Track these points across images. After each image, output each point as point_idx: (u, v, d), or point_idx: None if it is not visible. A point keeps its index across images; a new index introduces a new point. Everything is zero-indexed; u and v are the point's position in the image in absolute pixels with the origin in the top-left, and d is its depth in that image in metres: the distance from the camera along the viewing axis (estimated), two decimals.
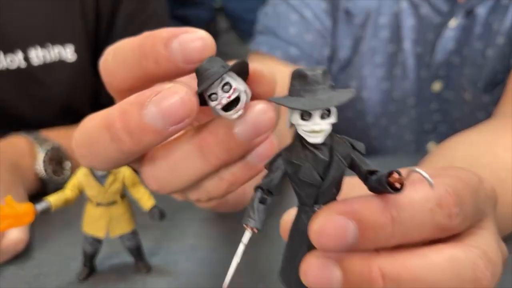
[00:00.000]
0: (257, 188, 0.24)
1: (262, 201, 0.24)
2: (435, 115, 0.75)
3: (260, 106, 0.25)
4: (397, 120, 0.77)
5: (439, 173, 0.28)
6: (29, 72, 0.66)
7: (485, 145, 0.46)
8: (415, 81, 0.73)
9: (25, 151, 0.56)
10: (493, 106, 0.67)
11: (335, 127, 0.24)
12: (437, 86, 0.72)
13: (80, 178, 0.39)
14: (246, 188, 0.33)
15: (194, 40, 0.25)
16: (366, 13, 0.72)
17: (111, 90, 0.29)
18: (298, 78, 0.23)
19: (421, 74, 0.73)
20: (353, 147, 0.24)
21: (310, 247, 0.24)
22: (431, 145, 0.77)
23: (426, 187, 0.24)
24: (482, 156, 0.44)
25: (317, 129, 0.22)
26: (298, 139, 0.23)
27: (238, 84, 0.25)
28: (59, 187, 0.39)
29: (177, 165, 0.27)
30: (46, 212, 0.37)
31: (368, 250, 0.23)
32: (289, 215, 0.26)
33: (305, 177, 0.23)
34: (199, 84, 0.25)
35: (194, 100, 0.24)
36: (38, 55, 0.66)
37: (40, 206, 0.37)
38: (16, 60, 0.64)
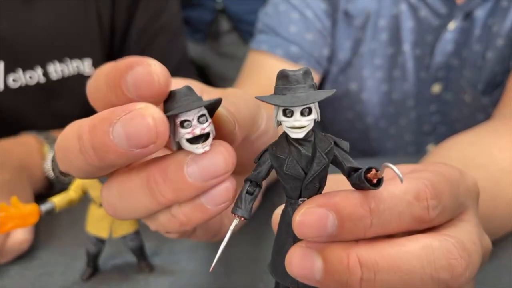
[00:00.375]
0: (246, 180, 0.26)
1: (249, 192, 0.26)
2: (434, 116, 0.75)
3: (216, 148, 0.25)
4: (397, 121, 0.77)
5: (419, 168, 0.29)
6: (48, 87, 0.66)
7: (482, 146, 0.46)
8: (414, 83, 0.73)
9: (34, 150, 0.57)
10: (493, 107, 0.67)
11: (335, 127, 0.25)
12: (436, 88, 0.73)
13: (84, 179, 0.39)
14: (224, 219, 0.33)
15: (147, 74, 0.23)
16: (365, 15, 0.72)
17: None
18: (282, 77, 0.24)
19: (421, 76, 0.73)
20: (337, 145, 0.25)
21: (296, 239, 0.25)
22: (430, 147, 0.77)
23: (405, 181, 0.25)
24: (478, 156, 0.44)
25: (297, 125, 0.24)
26: (284, 135, 0.25)
27: (211, 124, 0.25)
28: (65, 187, 0.40)
29: (127, 196, 0.26)
30: (50, 212, 0.38)
31: (348, 240, 0.25)
32: (280, 210, 0.27)
33: (289, 170, 0.25)
34: (171, 107, 0.24)
35: (164, 127, 0.23)
36: (57, 69, 0.66)
37: (45, 207, 0.38)
38: (35, 76, 0.65)
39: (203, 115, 0.24)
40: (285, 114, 0.24)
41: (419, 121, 0.76)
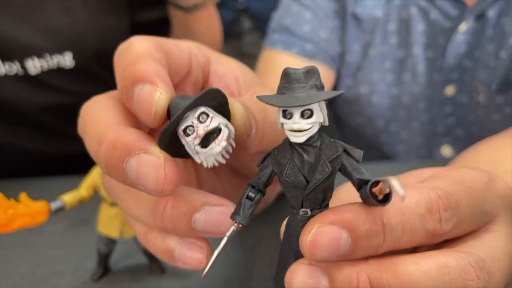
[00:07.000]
0: (248, 184, 0.24)
1: (250, 197, 0.24)
2: (449, 119, 0.73)
3: (226, 209, 0.25)
4: (408, 125, 0.75)
5: (438, 174, 0.26)
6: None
7: (511, 150, 0.44)
8: (427, 85, 0.71)
9: None
10: (508, 107, 0.66)
11: (346, 132, 0.23)
12: (450, 90, 0.71)
13: (95, 178, 0.38)
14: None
15: (148, 103, 0.24)
16: (374, 19, 0.71)
17: None
18: (283, 76, 0.22)
19: (434, 78, 0.71)
20: (347, 153, 0.23)
21: (298, 253, 0.23)
22: (445, 148, 0.75)
23: (416, 192, 0.23)
24: (506, 161, 0.42)
25: (295, 128, 0.22)
26: (288, 139, 0.23)
27: (216, 116, 0.23)
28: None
29: (132, 196, 0.26)
30: (60, 210, 0.37)
31: (358, 258, 0.22)
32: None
33: (288, 177, 0.23)
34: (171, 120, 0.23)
35: (172, 184, 0.23)
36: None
37: (55, 204, 0.36)
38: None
39: (202, 113, 0.22)
40: (284, 115, 0.22)
41: (432, 123, 0.74)
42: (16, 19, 0.63)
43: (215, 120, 0.23)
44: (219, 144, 0.22)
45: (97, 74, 0.70)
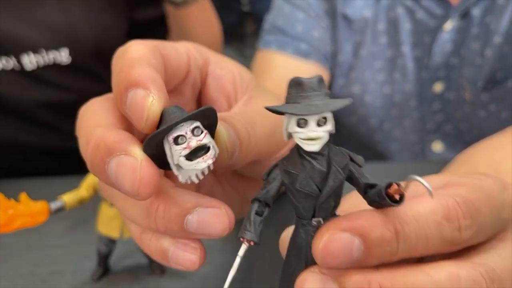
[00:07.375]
0: (254, 200, 0.23)
1: (258, 213, 0.23)
2: (438, 115, 0.73)
3: (222, 214, 0.24)
4: (401, 123, 0.76)
5: (454, 182, 0.26)
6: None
7: (509, 149, 0.43)
8: (416, 82, 0.72)
9: None
10: (493, 104, 0.67)
11: (340, 132, 0.23)
12: (438, 87, 0.71)
13: (95, 178, 0.38)
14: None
15: (140, 109, 0.24)
16: (364, 20, 0.71)
17: None
18: (295, 85, 0.22)
19: (422, 76, 0.72)
20: (352, 160, 0.23)
21: (308, 263, 0.23)
22: (436, 144, 0.75)
23: (432, 198, 0.22)
24: (506, 160, 0.42)
25: (313, 136, 0.22)
26: (296, 148, 0.23)
27: (208, 135, 0.23)
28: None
29: (123, 204, 0.26)
30: (60, 210, 0.37)
31: (371, 266, 0.22)
32: (289, 232, 0.25)
33: (302, 187, 0.22)
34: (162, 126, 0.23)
35: (150, 187, 0.22)
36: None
37: (55, 205, 0.36)
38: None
39: (197, 127, 0.22)
40: (298, 124, 0.22)
41: (423, 120, 0.74)
42: (13, 14, 0.64)
43: (208, 136, 0.22)
44: (206, 161, 0.22)
45: (94, 71, 0.70)
